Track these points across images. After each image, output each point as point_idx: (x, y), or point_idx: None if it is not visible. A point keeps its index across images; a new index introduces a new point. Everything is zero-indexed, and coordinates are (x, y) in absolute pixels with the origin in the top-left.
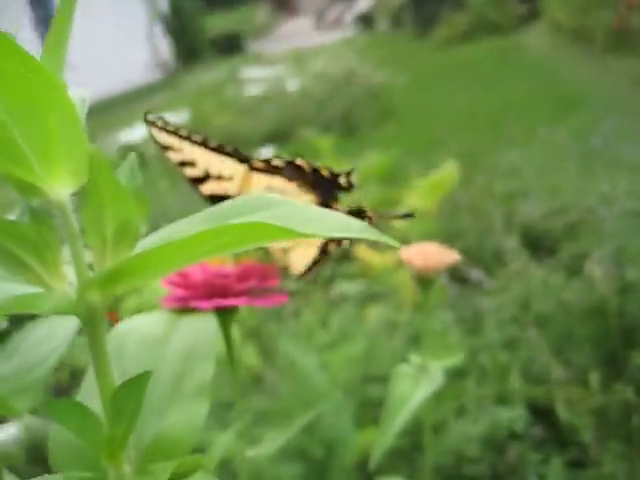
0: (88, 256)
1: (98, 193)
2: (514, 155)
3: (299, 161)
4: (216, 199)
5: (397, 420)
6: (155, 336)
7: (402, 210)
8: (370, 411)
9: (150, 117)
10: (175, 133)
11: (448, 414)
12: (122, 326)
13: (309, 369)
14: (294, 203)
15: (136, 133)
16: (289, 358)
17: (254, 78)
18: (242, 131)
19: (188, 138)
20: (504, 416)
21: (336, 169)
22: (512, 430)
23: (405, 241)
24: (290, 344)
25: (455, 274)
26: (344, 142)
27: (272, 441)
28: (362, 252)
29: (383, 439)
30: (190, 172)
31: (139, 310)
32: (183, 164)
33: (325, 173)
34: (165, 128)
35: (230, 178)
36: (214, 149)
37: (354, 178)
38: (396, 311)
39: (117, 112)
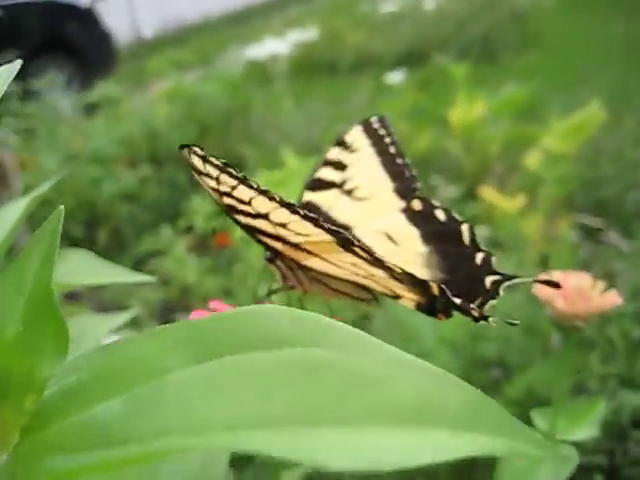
0: None
1: None
2: None
3: None
4: (253, 231)
5: None
6: None
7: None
8: (476, 373)
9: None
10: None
11: (565, 390)
12: None
13: (417, 325)
14: (355, 337)
15: (264, 49)
16: (395, 312)
17: None
18: (374, 50)
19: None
20: (630, 400)
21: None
22: (637, 417)
23: (537, 185)
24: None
25: (589, 231)
26: (481, 70)
27: None
28: (487, 193)
29: None
30: (233, 203)
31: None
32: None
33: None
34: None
35: (301, 235)
36: (289, 206)
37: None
38: (518, 265)
39: (252, 23)
